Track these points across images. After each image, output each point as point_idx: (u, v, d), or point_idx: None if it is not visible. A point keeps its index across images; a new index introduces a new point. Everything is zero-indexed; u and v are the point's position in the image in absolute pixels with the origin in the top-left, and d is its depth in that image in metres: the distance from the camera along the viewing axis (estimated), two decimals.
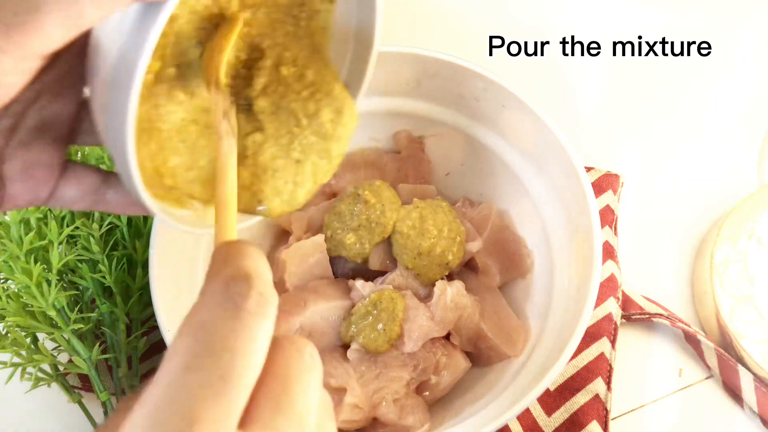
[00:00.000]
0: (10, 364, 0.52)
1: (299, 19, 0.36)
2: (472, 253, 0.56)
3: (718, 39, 0.71)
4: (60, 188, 0.32)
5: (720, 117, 0.69)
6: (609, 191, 0.63)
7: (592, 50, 0.71)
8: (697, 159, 0.67)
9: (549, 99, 0.58)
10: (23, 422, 0.58)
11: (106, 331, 0.55)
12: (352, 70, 0.38)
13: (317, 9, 0.36)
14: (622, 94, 0.70)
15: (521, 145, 0.56)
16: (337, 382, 0.51)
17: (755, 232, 0.60)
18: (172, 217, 0.32)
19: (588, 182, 0.51)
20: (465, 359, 0.54)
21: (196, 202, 0.35)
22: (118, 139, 0.28)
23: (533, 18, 0.73)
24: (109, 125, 0.28)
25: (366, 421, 0.52)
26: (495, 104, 0.55)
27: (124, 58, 0.27)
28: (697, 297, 0.61)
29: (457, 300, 0.53)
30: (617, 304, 0.59)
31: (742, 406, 0.57)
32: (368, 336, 0.51)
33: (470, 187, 0.60)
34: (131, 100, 0.27)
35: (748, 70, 0.70)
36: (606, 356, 0.57)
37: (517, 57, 0.71)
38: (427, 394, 0.53)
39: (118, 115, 0.27)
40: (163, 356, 0.22)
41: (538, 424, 0.55)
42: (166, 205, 0.33)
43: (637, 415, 0.57)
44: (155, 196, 0.31)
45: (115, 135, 0.28)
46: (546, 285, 0.54)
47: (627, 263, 0.62)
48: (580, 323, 0.47)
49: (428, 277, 0.54)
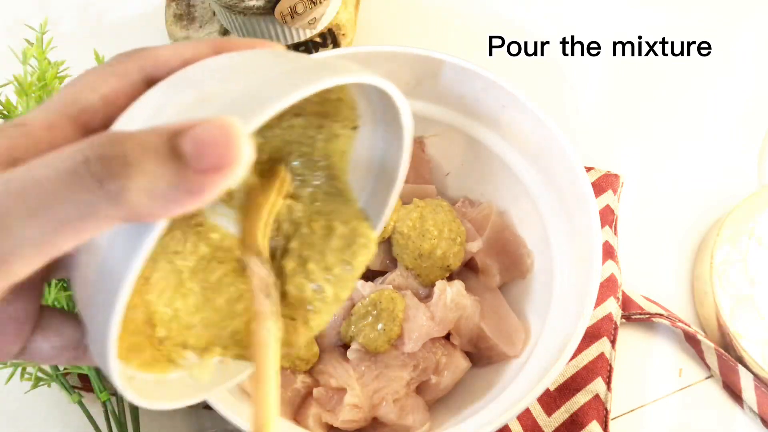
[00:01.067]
0: (10, 364, 0.52)
1: (315, 140, 0.33)
2: (472, 253, 0.56)
3: (718, 39, 0.71)
4: (34, 342, 0.27)
5: (720, 117, 0.69)
6: (609, 191, 0.63)
7: (592, 50, 0.71)
8: (697, 159, 0.67)
9: (549, 99, 0.58)
10: (23, 422, 0.58)
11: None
12: (371, 198, 0.34)
13: (337, 133, 0.33)
14: (622, 94, 0.70)
15: (521, 145, 0.56)
16: (337, 382, 0.51)
17: (755, 232, 0.60)
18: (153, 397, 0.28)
19: (588, 182, 0.51)
20: (465, 359, 0.54)
21: (190, 352, 0.30)
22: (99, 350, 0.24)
23: (533, 18, 0.73)
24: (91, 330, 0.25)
25: (366, 421, 0.52)
26: (495, 104, 0.55)
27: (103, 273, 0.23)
28: (697, 297, 0.61)
29: (457, 300, 0.53)
30: (617, 304, 0.59)
31: (742, 406, 0.57)
32: (368, 336, 0.51)
33: (470, 187, 0.60)
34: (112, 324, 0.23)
35: (748, 70, 0.70)
36: (606, 356, 0.57)
37: (517, 57, 0.71)
38: (427, 394, 0.53)
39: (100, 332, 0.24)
40: None
41: (538, 424, 0.55)
42: (153, 374, 0.29)
43: (637, 415, 0.58)
44: (140, 364, 0.28)
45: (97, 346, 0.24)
46: (546, 285, 0.54)
47: (627, 263, 0.62)
48: (580, 323, 0.47)
49: (429, 278, 0.54)
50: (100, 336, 0.24)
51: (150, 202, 0.21)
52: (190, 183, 0.21)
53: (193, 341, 0.31)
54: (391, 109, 0.30)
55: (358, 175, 0.34)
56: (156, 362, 0.29)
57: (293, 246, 0.33)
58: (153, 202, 0.21)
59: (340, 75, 0.25)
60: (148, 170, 0.21)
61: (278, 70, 0.25)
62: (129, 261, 0.22)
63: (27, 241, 0.21)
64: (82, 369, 0.54)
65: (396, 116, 0.30)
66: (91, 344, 0.25)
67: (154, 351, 0.29)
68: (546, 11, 0.73)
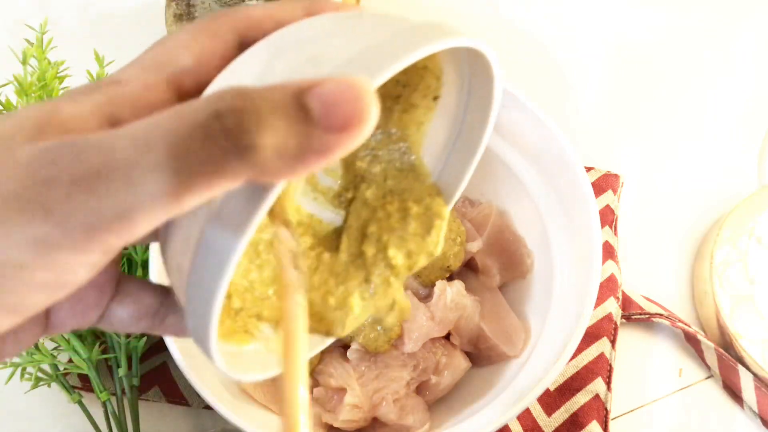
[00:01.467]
0: (10, 364, 0.52)
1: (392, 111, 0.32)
2: (472, 253, 0.56)
3: (718, 39, 0.71)
4: (112, 310, 0.27)
5: (720, 117, 0.69)
6: (609, 191, 0.63)
7: (592, 50, 0.71)
8: (697, 159, 0.67)
9: (549, 99, 0.58)
10: (23, 422, 0.58)
11: (105, 331, 0.55)
12: (444, 172, 0.33)
13: (416, 104, 0.31)
14: (622, 94, 0.70)
15: (521, 145, 0.56)
16: (337, 382, 0.51)
17: (755, 232, 0.60)
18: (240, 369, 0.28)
19: (588, 182, 0.51)
20: (465, 359, 0.54)
21: (265, 325, 0.30)
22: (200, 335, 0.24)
23: (533, 18, 0.73)
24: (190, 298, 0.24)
25: (366, 421, 0.52)
26: None
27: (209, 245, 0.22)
28: (697, 297, 0.61)
29: (457, 300, 0.53)
30: (617, 304, 0.59)
31: (742, 406, 0.57)
32: (368, 336, 0.51)
33: (470, 187, 0.59)
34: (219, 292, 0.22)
35: (748, 70, 0.70)
36: (606, 356, 0.57)
37: (517, 57, 0.71)
38: (427, 394, 0.53)
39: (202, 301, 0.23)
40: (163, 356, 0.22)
41: (538, 424, 0.55)
42: (231, 346, 0.28)
43: (637, 415, 0.58)
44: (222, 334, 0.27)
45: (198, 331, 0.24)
46: (546, 285, 0.54)
47: (627, 263, 0.62)
48: (580, 323, 0.47)
49: (429, 278, 0.54)
50: (202, 305, 0.23)
51: (278, 161, 0.20)
52: (318, 142, 0.20)
53: (267, 313, 0.30)
54: (479, 77, 0.29)
55: (432, 149, 0.32)
56: (234, 333, 0.29)
57: (372, 230, 0.32)
58: (280, 161, 0.20)
59: (456, 37, 0.24)
60: (279, 126, 0.20)
61: (390, 30, 0.24)
62: (243, 225, 0.22)
63: (152, 196, 0.20)
64: (82, 369, 0.54)
65: (485, 85, 0.29)
66: (189, 316, 0.24)
67: (232, 322, 0.29)
68: (546, 11, 0.73)
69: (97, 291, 0.27)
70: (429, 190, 0.32)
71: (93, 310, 0.27)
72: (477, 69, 0.29)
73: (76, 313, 0.27)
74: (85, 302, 0.27)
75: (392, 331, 0.51)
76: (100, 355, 0.53)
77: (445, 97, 0.31)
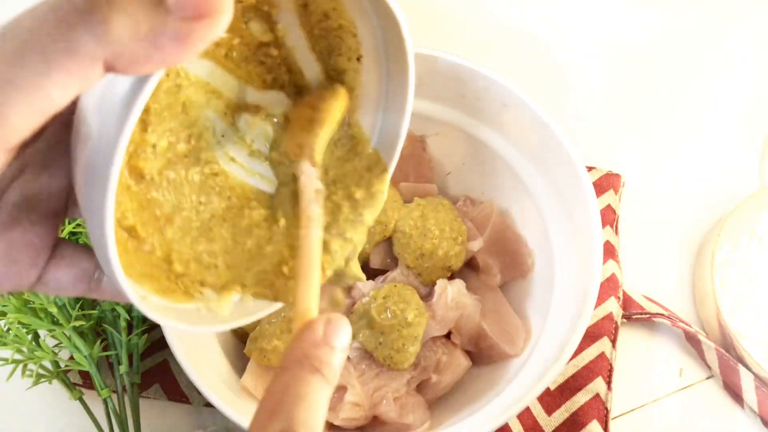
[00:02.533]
0: (11, 361, 0.52)
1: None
2: (473, 252, 0.56)
3: (718, 39, 0.71)
4: (49, 272, 0.28)
5: (720, 117, 0.69)
6: (610, 191, 0.63)
7: (592, 50, 0.72)
8: (698, 159, 0.67)
9: (549, 99, 0.58)
10: (24, 419, 0.58)
11: (107, 328, 0.55)
12: (382, 134, 0.35)
13: (344, 68, 0.33)
14: (622, 94, 0.70)
15: (522, 145, 0.56)
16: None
17: (756, 232, 0.60)
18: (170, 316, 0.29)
19: (589, 182, 0.51)
20: (465, 358, 0.54)
21: (208, 289, 0.32)
22: (99, 241, 0.24)
23: (533, 18, 0.73)
24: (90, 223, 0.25)
25: (366, 420, 0.52)
26: (496, 103, 0.55)
27: (99, 143, 0.23)
28: (698, 297, 0.61)
29: (458, 299, 0.53)
30: (618, 304, 0.59)
31: (742, 406, 0.57)
32: (382, 353, 0.51)
33: (471, 186, 0.60)
34: (108, 199, 0.23)
35: (748, 70, 0.70)
36: (606, 356, 0.57)
37: (517, 56, 0.71)
38: (427, 392, 0.53)
39: (96, 215, 0.24)
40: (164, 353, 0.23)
41: (539, 423, 0.55)
42: (167, 301, 0.30)
43: (637, 415, 0.58)
44: (154, 290, 0.29)
45: (96, 236, 0.25)
46: (547, 284, 0.54)
47: (628, 263, 0.62)
48: (580, 323, 0.47)
49: (430, 278, 0.54)
50: (98, 209, 0.24)
51: (133, 44, 0.21)
52: (172, 28, 0.21)
53: (211, 280, 0.32)
54: (387, 26, 0.30)
55: (367, 113, 0.34)
56: (171, 292, 0.30)
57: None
58: (136, 44, 0.21)
59: None
60: (130, 8, 0.21)
61: None
62: (125, 114, 0.22)
63: (16, 87, 0.20)
64: (83, 366, 0.54)
65: (395, 31, 0.30)
66: (93, 237, 0.25)
67: (171, 283, 0.30)
68: (546, 11, 0.73)
69: (32, 252, 0.28)
70: (369, 159, 0.34)
71: (28, 271, 0.28)
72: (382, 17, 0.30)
73: (9, 272, 0.27)
74: (20, 263, 0.27)
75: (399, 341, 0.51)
76: (101, 353, 0.53)
77: (365, 56, 0.32)
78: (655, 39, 0.72)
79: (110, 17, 0.20)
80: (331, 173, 0.34)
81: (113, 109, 0.23)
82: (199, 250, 0.31)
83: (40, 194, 0.27)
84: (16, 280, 0.28)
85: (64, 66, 0.21)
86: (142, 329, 0.55)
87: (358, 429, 0.52)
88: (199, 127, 0.32)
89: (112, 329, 0.54)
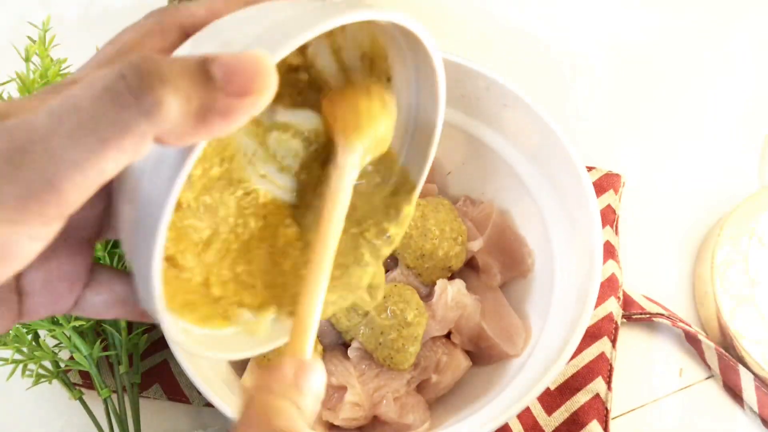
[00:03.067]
0: (11, 361, 0.52)
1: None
2: (473, 252, 0.56)
3: (718, 39, 0.71)
4: (85, 297, 0.29)
5: (720, 117, 0.69)
6: (610, 191, 0.63)
7: (592, 50, 0.72)
8: (698, 159, 0.67)
9: (549, 99, 0.58)
10: (24, 419, 0.58)
11: (107, 328, 0.55)
12: (410, 154, 0.35)
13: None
14: (622, 94, 0.70)
15: (523, 145, 0.56)
16: (338, 380, 0.51)
17: (756, 232, 0.60)
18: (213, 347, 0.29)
19: (589, 182, 0.51)
20: (466, 358, 0.54)
21: (246, 311, 0.32)
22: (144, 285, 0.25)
23: (533, 18, 0.73)
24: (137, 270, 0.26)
25: (366, 420, 0.52)
26: (496, 103, 0.55)
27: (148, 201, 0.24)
28: (698, 297, 0.61)
29: (458, 299, 0.53)
30: (618, 304, 0.59)
31: (742, 407, 0.57)
32: (381, 353, 0.51)
33: (471, 186, 0.60)
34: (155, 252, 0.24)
35: (748, 70, 0.70)
36: (606, 356, 0.57)
37: (517, 56, 0.71)
38: (427, 392, 0.53)
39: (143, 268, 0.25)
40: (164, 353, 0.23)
41: (539, 423, 0.55)
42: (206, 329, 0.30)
43: (637, 415, 0.58)
44: (194, 320, 0.29)
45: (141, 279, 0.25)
46: (547, 284, 0.54)
47: (628, 263, 0.62)
48: (580, 323, 0.47)
49: (430, 278, 0.54)
50: (144, 265, 0.24)
51: (183, 121, 0.22)
52: (220, 104, 0.22)
53: (249, 300, 0.32)
54: (421, 54, 0.31)
55: (396, 133, 0.34)
56: (211, 318, 0.30)
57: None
58: (186, 121, 0.22)
59: (361, 11, 0.26)
60: (182, 87, 0.22)
61: (302, 9, 0.26)
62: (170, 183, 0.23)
63: (72, 163, 0.21)
64: (83, 366, 0.54)
65: (427, 62, 0.31)
66: (139, 284, 0.26)
67: (209, 308, 0.30)
68: (546, 11, 0.73)
69: (69, 281, 0.28)
70: (397, 176, 0.34)
71: (66, 298, 0.28)
72: (414, 47, 0.30)
73: (48, 300, 0.28)
74: (58, 290, 0.28)
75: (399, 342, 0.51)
76: (101, 353, 0.53)
77: (396, 77, 0.32)
78: (655, 39, 0.72)
79: (163, 98, 0.21)
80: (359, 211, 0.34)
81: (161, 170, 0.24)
82: (237, 272, 0.32)
83: (77, 223, 0.28)
84: (53, 307, 0.28)
85: (118, 144, 0.21)
86: (142, 329, 0.55)
87: (358, 429, 0.52)
88: (231, 149, 0.32)
89: (112, 329, 0.54)
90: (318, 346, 0.52)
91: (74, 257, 0.28)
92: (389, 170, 0.34)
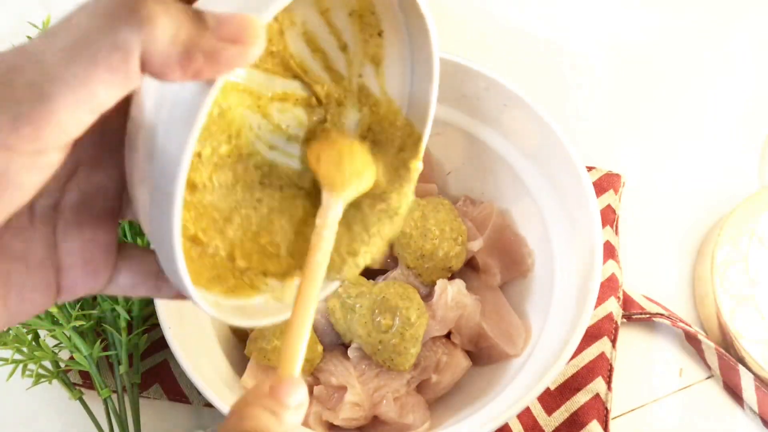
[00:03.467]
0: (11, 361, 0.52)
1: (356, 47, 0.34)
2: (473, 252, 0.56)
3: (718, 39, 0.71)
4: (120, 272, 0.29)
5: (720, 117, 0.69)
6: (610, 191, 0.63)
7: (592, 50, 0.72)
8: (698, 159, 0.67)
9: (549, 99, 0.58)
10: (24, 419, 0.58)
11: (107, 328, 0.55)
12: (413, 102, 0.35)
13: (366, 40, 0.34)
14: (622, 94, 0.70)
15: (523, 145, 0.56)
16: (338, 380, 0.51)
17: (756, 233, 0.60)
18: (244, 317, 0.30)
19: (589, 182, 0.51)
20: (465, 358, 0.54)
21: (272, 279, 0.32)
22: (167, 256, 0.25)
23: (533, 18, 0.73)
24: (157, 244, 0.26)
25: (366, 419, 0.52)
26: (497, 103, 0.55)
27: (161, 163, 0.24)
28: (698, 297, 0.61)
29: (458, 299, 0.53)
30: (618, 304, 0.59)
31: (742, 406, 0.57)
32: (382, 355, 0.51)
33: (471, 186, 0.60)
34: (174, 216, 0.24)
35: (748, 70, 0.70)
36: (606, 356, 0.57)
37: (517, 56, 0.71)
38: (427, 392, 0.53)
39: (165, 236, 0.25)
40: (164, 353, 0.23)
41: (539, 423, 0.55)
42: (236, 300, 0.31)
43: (637, 415, 0.58)
44: (223, 292, 0.30)
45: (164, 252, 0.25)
46: (547, 284, 0.54)
47: (628, 263, 0.62)
48: (580, 323, 0.47)
49: (430, 278, 0.54)
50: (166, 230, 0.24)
51: (170, 48, 0.22)
52: (207, 43, 0.23)
53: (273, 268, 0.32)
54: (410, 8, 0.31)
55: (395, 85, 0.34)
56: (240, 289, 0.31)
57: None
58: (173, 48, 0.22)
59: None
60: (174, 14, 0.22)
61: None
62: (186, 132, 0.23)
63: (63, 82, 0.21)
64: (83, 366, 0.54)
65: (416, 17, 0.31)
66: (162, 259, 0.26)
67: (236, 280, 0.31)
68: (546, 11, 0.73)
69: (104, 251, 0.28)
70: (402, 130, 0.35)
71: (103, 272, 0.28)
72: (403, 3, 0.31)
73: (88, 273, 0.28)
74: (96, 262, 0.28)
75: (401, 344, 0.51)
76: (101, 352, 0.53)
77: (387, 30, 0.33)
78: (655, 39, 0.72)
79: (155, 16, 0.22)
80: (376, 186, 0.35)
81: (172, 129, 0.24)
82: (261, 243, 0.32)
83: (97, 194, 0.28)
84: (92, 281, 0.28)
85: (108, 62, 0.22)
86: (142, 329, 0.55)
87: (358, 429, 0.52)
88: (236, 125, 0.32)
89: (112, 329, 0.54)
90: (318, 347, 0.52)
91: (103, 228, 0.28)
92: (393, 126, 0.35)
